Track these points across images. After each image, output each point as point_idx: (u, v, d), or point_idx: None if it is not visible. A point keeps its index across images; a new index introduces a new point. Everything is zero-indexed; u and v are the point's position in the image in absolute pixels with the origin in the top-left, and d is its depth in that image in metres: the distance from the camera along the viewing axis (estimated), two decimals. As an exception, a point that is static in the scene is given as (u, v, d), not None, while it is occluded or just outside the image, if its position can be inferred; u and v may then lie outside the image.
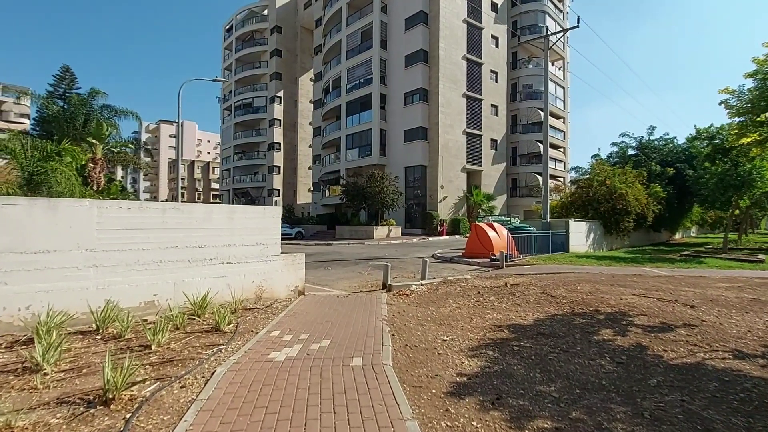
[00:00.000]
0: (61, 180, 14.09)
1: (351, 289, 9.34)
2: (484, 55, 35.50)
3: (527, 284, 8.92)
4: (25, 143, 14.23)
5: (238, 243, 6.68)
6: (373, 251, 19.18)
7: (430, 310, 6.49)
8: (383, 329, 5.14)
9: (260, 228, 6.98)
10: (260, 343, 4.54)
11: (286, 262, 7.34)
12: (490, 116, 36.19)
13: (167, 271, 5.93)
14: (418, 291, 8.44)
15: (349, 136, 36.37)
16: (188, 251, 6.13)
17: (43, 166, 13.69)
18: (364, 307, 6.61)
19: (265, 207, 7.11)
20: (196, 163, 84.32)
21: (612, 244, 22.17)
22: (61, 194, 13.89)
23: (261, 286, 6.97)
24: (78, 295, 5.21)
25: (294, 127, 53.39)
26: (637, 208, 21.19)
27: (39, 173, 13.67)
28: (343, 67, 37.20)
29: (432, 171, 32.03)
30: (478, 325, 5.51)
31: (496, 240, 15.02)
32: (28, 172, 13.68)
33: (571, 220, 18.40)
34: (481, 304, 6.95)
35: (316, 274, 11.64)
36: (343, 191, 29.75)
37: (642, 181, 22.78)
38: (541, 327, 5.36)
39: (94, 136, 16.94)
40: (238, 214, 6.73)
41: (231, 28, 59.02)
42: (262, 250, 6.99)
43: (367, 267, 13.41)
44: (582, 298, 7.18)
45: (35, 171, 13.72)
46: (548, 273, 11.31)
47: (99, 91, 23.45)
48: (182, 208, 6.13)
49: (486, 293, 7.86)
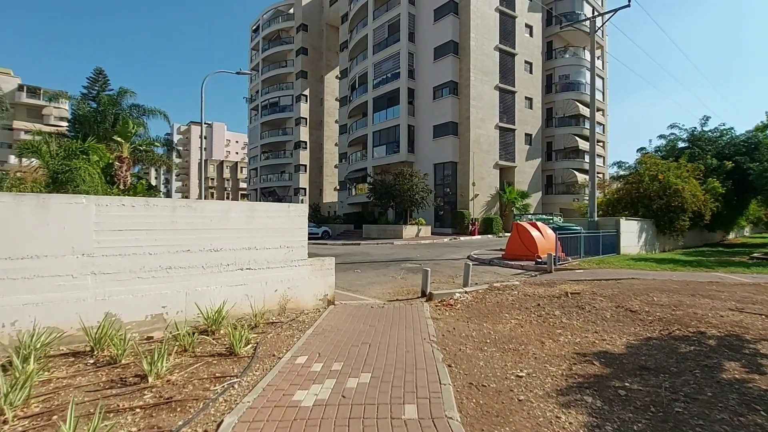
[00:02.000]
0: (86, 178, 13.78)
1: (385, 296, 8.34)
2: (518, 45, 33.73)
3: (590, 293, 7.64)
4: (50, 141, 14.00)
5: (259, 246, 5.78)
6: (403, 252, 18.13)
7: (485, 328, 5.37)
8: (435, 356, 4.09)
9: (284, 228, 6.05)
10: (282, 375, 3.57)
11: (313, 267, 6.39)
12: (524, 109, 34.38)
13: (178, 278, 5.08)
14: (463, 300, 7.33)
15: (376, 133, 35.42)
16: (202, 256, 5.26)
17: (67, 165, 13.39)
18: (405, 321, 5.57)
19: (290, 204, 6.19)
20: (225, 163, 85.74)
21: (664, 244, 20.22)
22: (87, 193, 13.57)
23: (285, 295, 6.05)
24: (73, 307, 4.42)
25: (320, 125, 52.99)
26: (693, 206, 19.18)
27: (63, 171, 13.38)
28: (369, 62, 36.27)
29: (462, 168, 30.63)
30: (555, 352, 4.36)
31: (541, 241, 13.66)
32: (53, 170, 13.42)
33: (622, 219, 16.73)
34: (545, 320, 5.77)
35: (345, 278, 10.71)
36: (371, 189, 28.82)
37: (698, 175, 20.70)
38: (640, 357, 4.15)
39: (119, 134, 16.68)
40: (259, 212, 5.83)
41: (258, 29, 59.30)
42: (287, 253, 6.07)
43: (400, 270, 12.38)
44: (670, 314, 5.88)
45: (59, 169, 13.44)
46: (608, 279, 9.93)
47: (127, 91, 23.45)
48: (195, 206, 5.27)
49: (546, 305, 6.66)
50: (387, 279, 10.67)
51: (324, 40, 52.60)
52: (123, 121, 17.23)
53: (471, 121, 30.14)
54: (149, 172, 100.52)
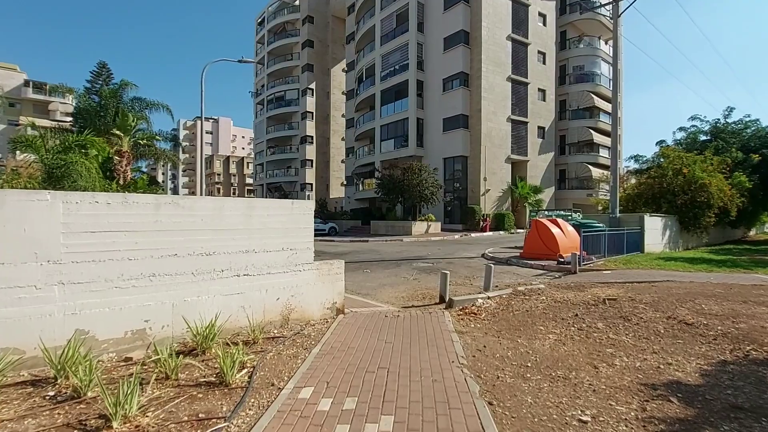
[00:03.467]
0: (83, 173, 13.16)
1: (399, 300, 7.60)
2: (531, 35, 32.56)
3: (628, 300, 6.83)
4: (45, 135, 13.38)
5: (259, 248, 5.04)
6: (413, 250, 17.37)
7: (520, 345, 4.60)
8: (470, 388, 3.32)
9: (287, 228, 5.31)
10: (281, 418, 2.83)
11: (320, 272, 5.65)
12: (536, 101, 33.26)
13: (163, 288, 4.37)
14: (487, 308, 6.55)
15: (383, 127, 34.54)
16: (191, 261, 4.54)
17: (63, 159, 12.77)
18: (426, 335, 4.81)
19: (294, 201, 5.44)
20: (231, 159, 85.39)
21: (688, 242, 19.23)
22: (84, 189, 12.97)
23: (288, 304, 5.32)
24: (37, 324, 3.72)
25: (326, 119, 52.18)
26: (719, 202, 18.16)
27: (59, 166, 12.76)
28: (377, 53, 35.32)
29: (473, 162, 29.69)
30: (615, 381, 3.57)
31: (562, 239, 12.81)
32: (48, 165, 12.81)
33: (646, 215, 15.78)
34: (588, 334, 4.98)
35: (354, 279, 9.99)
36: (378, 184, 28.02)
37: (724, 169, 19.63)
38: (725, 390, 3.36)
39: (118, 127, 16.05)
40: (258, 210, 5.09)
41: (263, 21, 58.48)
42: (290, 256, 5.33)
43: (412, 270, 11.63)
44: (734, 328, 5.05)
45: (55, 164, 12.83)
46: (640, 282, 9.10)
47: (129, 83, 22.78)
48: (182, 203, 4.53)
49: (584, 315, 5.86)
50: (399, 280, 9.92)
51: (330, 33, 51.65)
52: (122, 114, 16.56)
53: (482, 113, 29.14)
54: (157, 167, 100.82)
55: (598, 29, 37.48)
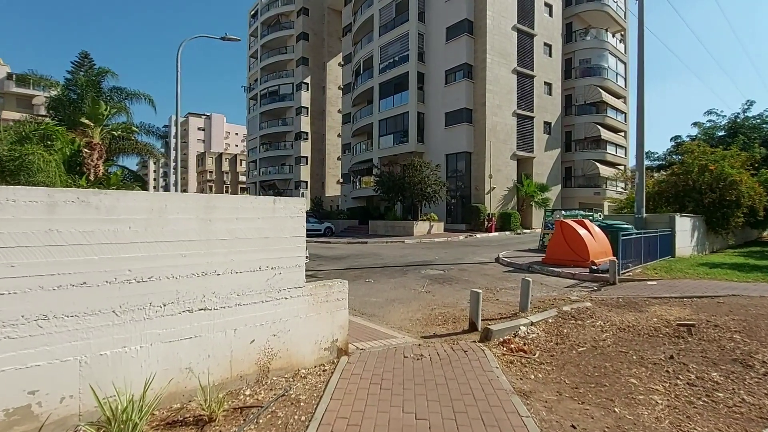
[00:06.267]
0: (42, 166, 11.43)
1: (415, 325, 6.01)
2: (537, 26, 31.01)
3: (712, 327, 5.28)
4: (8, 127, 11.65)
5: (223, 269, 3.40)
6: (418, 253, 15.76)
7: (623, 420, 2.99)
8: None
9: (267, 238, 3.67)
10: None
11: (315, 298, 4.01)
12: (542, 95, 31.74)
13: (62, 337, 2.72)
14: (535, 340, 4.96)
15: (382, 122, 32.87)
16: (112, 291, 2.89)
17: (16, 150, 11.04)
18: (476, 402, 3.20)
19: (277, 199, 3.78)
20: (224, 156, 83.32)
21: (713, 244, 17.78)
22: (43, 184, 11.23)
23: (268, 347, 3.68)
24: None
25: (322, 115, 50.40)
26: (748, 201, 16.73)
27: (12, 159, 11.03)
28: (375, 44, 33.61)
29: (477, 158, 28.11)
30: None
31: (591, 243, 11.26)
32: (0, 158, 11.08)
33: (677, 216, 14.28)
34: (711, 396, 3.39)
35: (356, 291, 8.39)
36: (377, 182, 26.36)
37: (751, 165, 18.24)
38: None
39: (88, 116, 14.28)
40: (223, 212, 3.43)
41: (256, 14, 56.53)
42: (271, 279, 3.69)
43: (421, 278, 10.03)
44: None
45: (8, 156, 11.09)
46: (701, 297, 7.56)
47: (108, 71, 20.99)
48: (96, 200, 2.87)
49: (680, 355, 4.27)
50: (409, 294, 8.31)
51: (326, 25, 49.83)
52: (92, 101, 14.78)
53: (487, 107, 27.55)
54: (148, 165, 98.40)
55: (605, 21, 36.03)
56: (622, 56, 37.59)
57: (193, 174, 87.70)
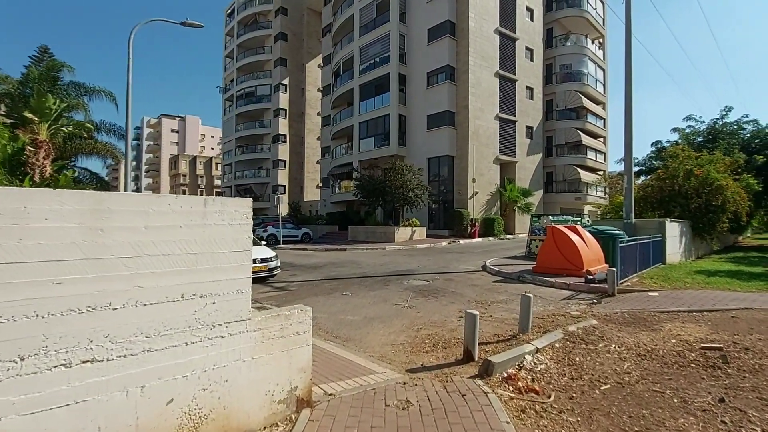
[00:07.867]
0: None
1: (398, 352, 5.04)
2: (519, 29, 30.77)
3: (743, 350, 4.53)
4: None
5: (123, 299, 2.34)
6: (400, 261, 14.81)
7: None
8: None
9: (194, 255, 2.62)
10: None
11: (265, 333, 2.97)
12: (524, 100, 31.47)
13: None
14: (544, 372, 4.06)
15: (362, 124, 31.92)
16: None
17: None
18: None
19: (209, 199, 2.74)
20: (198, 159, 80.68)
21: (698, 249, 17.55)
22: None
23: (196, 408, 2.62)
24: None
25: (301, 117, 49.10)
26: (732, 206, 16.56)
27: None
28: (355, 45, 32.73)
29: (460, 162, 27.47)
30: None
31: (585, 250, 10.55)
32: None
33: (667, 221, 13.83)
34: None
35: (330, 308, 7.39)
36: (357, 186, 25.32)
37: (734, 170, 18.16)
38: None
39: (32, 110, 12.78)
40: (122, 217, 2.37)
41: (232, 12, 54.85)
42: (201, 310, 2.64)
43: (403, 290, 9.07)
44: None
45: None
46: (711, 310, 6.89)
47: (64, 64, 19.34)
48: None
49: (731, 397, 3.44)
50: (391, 310, 7.34)
51: (305, 26, 48.70)
52: (38, 94, 13.28)
53: (470, 110, 26.98)
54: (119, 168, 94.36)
55: (584, 27, 36.27)
56: (601, 63, 37.90)
57: (166, 177, 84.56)
